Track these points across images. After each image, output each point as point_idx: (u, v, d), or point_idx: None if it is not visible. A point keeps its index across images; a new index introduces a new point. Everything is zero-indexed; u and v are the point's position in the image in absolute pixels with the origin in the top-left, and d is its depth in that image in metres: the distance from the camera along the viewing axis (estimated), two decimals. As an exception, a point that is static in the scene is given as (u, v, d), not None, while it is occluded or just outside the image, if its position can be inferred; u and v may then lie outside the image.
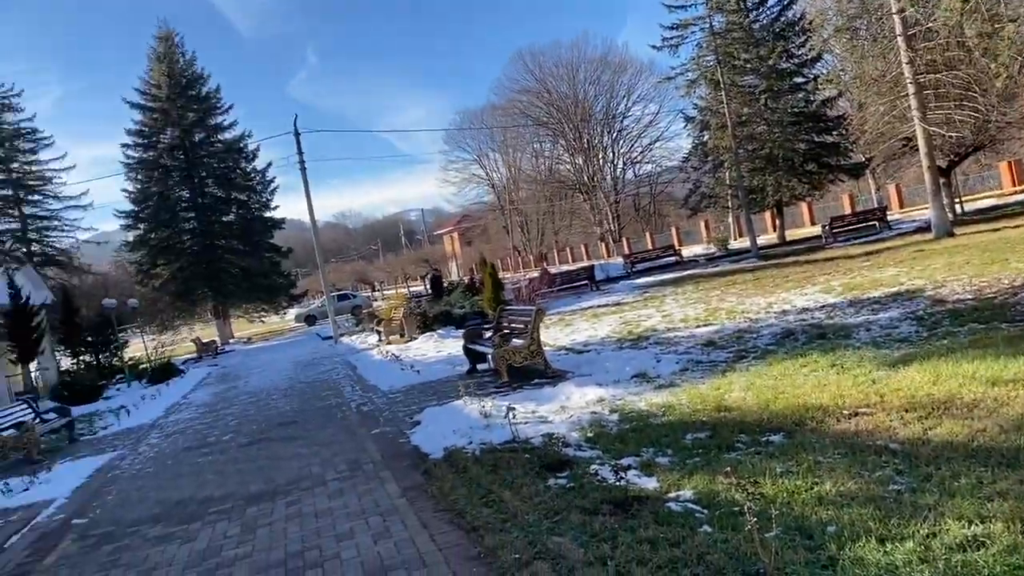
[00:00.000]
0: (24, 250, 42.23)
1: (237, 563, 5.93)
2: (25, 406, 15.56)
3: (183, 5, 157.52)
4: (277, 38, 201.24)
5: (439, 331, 23.22)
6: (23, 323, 26.86)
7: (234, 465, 10.02)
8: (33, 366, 29.07)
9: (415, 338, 23.05)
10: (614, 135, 77.37)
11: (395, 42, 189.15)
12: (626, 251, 51.92)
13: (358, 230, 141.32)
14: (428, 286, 36.99)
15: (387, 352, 20.76)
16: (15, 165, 46.96)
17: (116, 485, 10.21)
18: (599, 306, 22.83)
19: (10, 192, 46.86)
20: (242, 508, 7.61)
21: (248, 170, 51.58)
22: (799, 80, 36.68)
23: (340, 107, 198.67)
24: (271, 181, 52.00)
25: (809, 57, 36.07)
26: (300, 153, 33.34)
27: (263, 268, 50.09)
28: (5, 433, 13.64)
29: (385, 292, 75.39)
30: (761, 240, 36.02)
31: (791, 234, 39.64)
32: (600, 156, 77.46)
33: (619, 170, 78.22)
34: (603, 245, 67.96)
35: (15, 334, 26.91)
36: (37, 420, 14.75)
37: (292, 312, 57.93)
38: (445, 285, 34.59)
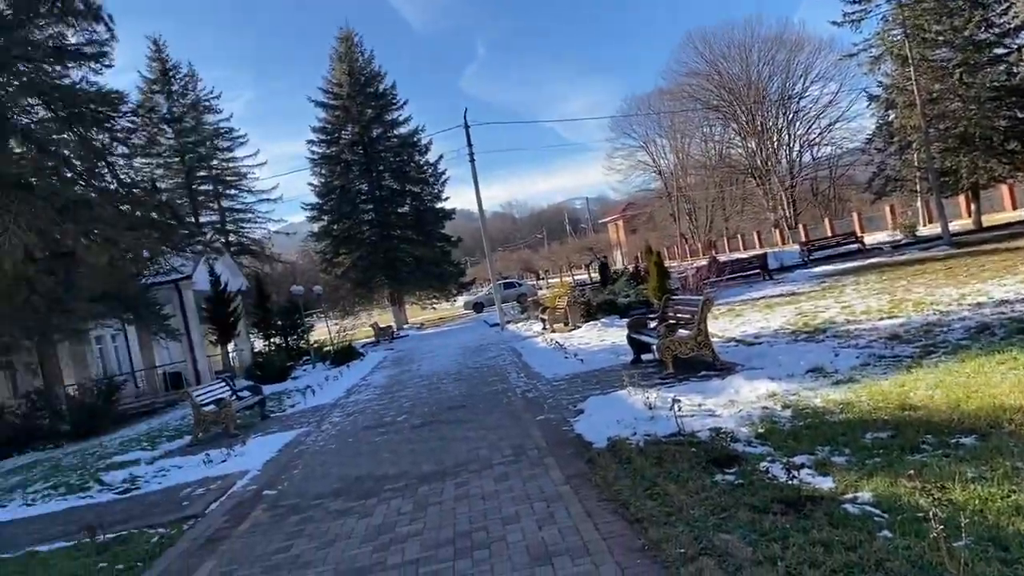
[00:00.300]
0: (223, 240, 46.07)
1: (410, 540, 6.21)
2: (224, 384, 17.06)
3: (362, 5, 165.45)
4: (448, 32, 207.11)
5: (602, 320, 23.18)
6: (222, 308, 29.45)
7: (408, 445, 10.49)
8: (231, 347, 31.79)
9: (579, 326, 23.13)
10: (790, 116, 73.83)
11: (563, 31, 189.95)
12: (802, 238, 49.54)
13: (524, 219, 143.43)
14: (593, 274, 36.95)
15: (551, 340, 20.97)
16: (215, 163, 51.40)
17: (302, 460, 10.96)
18: (772, 296, 21.96)
19: (211, 187, 51.35)
20: (415, 487, 7.95)
21: (421, 163, 53.56)
22: (1000, 51, 33.42)
23: (508, 99, 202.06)
24: (442, 173, 53.84)
25: (1012, 26, 32.76)
26: (470, 145, 34.24)
27: (435, 257, 51.98)
28: (207, 408, 15.00)
29: (549, 280, 76.05)
30: (954, 226, 33.24)
31: (988, 219, 36.32)
32: (774, 139, 74.22)
33: (795, 153, 74.58)
34: (777, 232, 65.16)
35: (215, 318, 29.54)
36: (234, 397, 16.11)
37: (461, 299, 59.72)
38: (600, 277, 34.49)
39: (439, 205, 53.64)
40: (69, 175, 12.97)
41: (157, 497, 10.19)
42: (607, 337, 19.17)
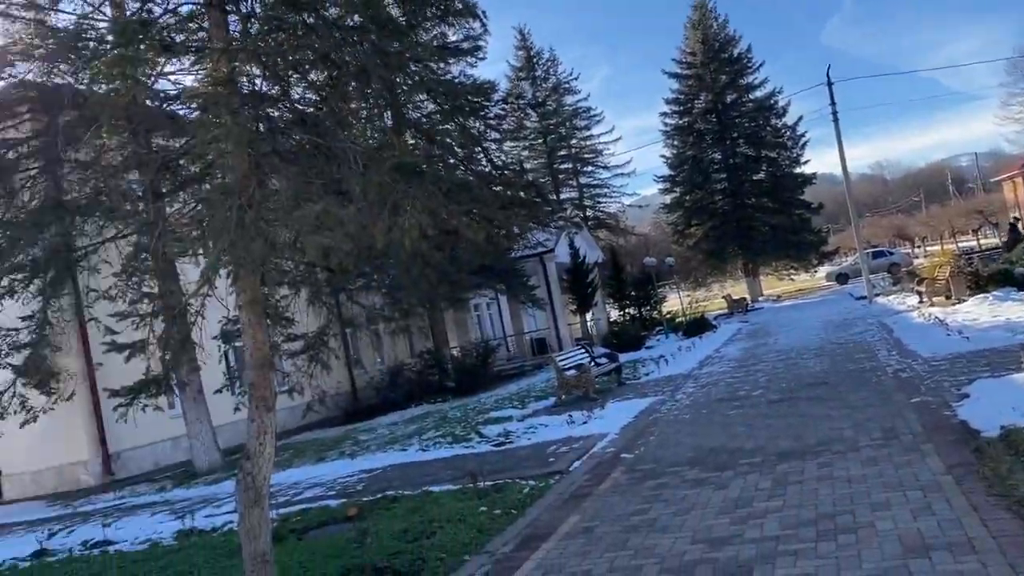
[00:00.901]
0: (581, 215, 48.37)
1: (768, 516, 6.08)
2: (583, 351, 18.03)
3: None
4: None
5: (995, 293, 20.31)
6: (580, 279, 31.10)
7: (763, 420, 10.23)
8: (588, 316, 33.42)
9: (963, 300, 20.55)
10: None
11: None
12: None
13: (896, 181, 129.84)
14: (983, 240, 32.54)
15: (929, 315, 18.94)
16: (573, 141, 54.08)
17: (657, 427, 11.23)
18: None
19: (570, 165, 54.17)
20: (772, 463, 7.74)
21: (778, 127, 51.33)
22: None
23: (876, 50, 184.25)
24: (801, 136, 51.01)
25: None
26: (833, 104, 31.97)
27: (792, 225, 49.56)
28: (568, 373, 15.98)
29: (927, 248, 68.63)
30: None
31: None
32: None
33: None
34: None
35: (574, 288, 31.31)
36: (592, 363, 16.96)
37: (822, 270, 56.35)
38: (1005, 240, 30.14)
39: (797, 170, 50.95)
40: (451, 161, 14.60)
41: (526, 452, 11.14)
42: (1000, 312, 16.77)
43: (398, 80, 8.03)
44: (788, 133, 51.08)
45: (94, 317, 14.52)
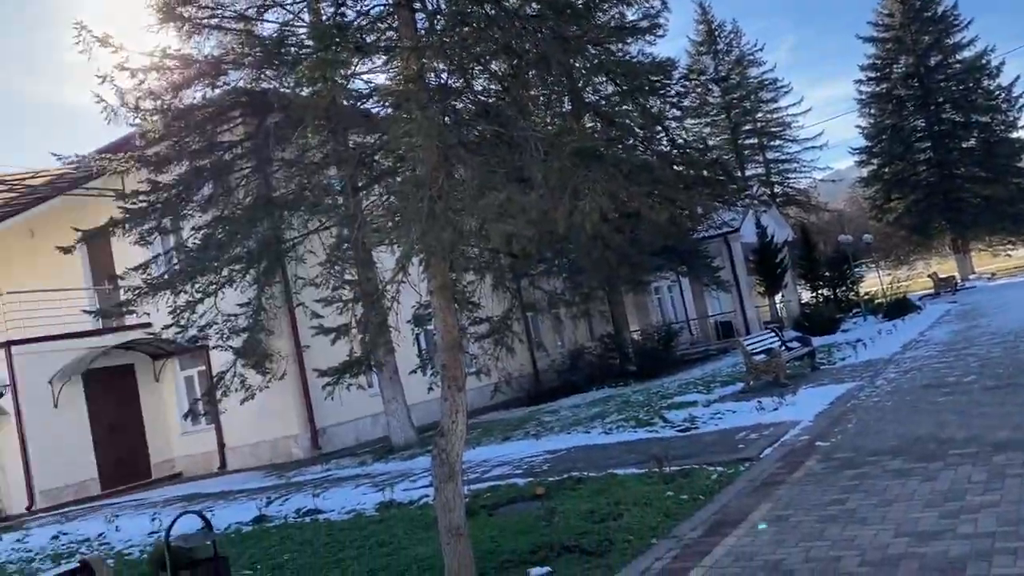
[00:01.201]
0: (767, 192, 46.39)
1: (983, 511, 5.61)
2: (772, 334, 17.35)
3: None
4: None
5: None
6: (768, 259, 29.92)
7: (977, 408, 9.42)
8: (778, 298, 32.14)
9: None
10: None
11: None
12: None
13: None
14: None
15: None
16: (759, 115, 51.85)
17: (855, 415, 10.62)
18: None
19: (755, 140, 52.02)
20: (987, 454, 7.12)
21: (991, 89, 46.87)
22: None
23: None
24: (1018, 97, 46.19)
25: None
26: (1057, 59, 28.70)
27: (1009, 196, 45.10)
28: (757, 357, 15.43)
29: None
30: None
31: None
32: None
33: None
34: None
35: (762, 269, 30.17)
36: (783, 347, 16.29)
37: (1046, 245, 50.93)
38: None
39: (1015, 135, 46.32)
40: (631, 142, 14.49)
41: (713, 437, 10.89)
42: None
43: (576, 64, 8.07)
44: (1003, 95, 46.56)
45: (302, 303, 15.76)
